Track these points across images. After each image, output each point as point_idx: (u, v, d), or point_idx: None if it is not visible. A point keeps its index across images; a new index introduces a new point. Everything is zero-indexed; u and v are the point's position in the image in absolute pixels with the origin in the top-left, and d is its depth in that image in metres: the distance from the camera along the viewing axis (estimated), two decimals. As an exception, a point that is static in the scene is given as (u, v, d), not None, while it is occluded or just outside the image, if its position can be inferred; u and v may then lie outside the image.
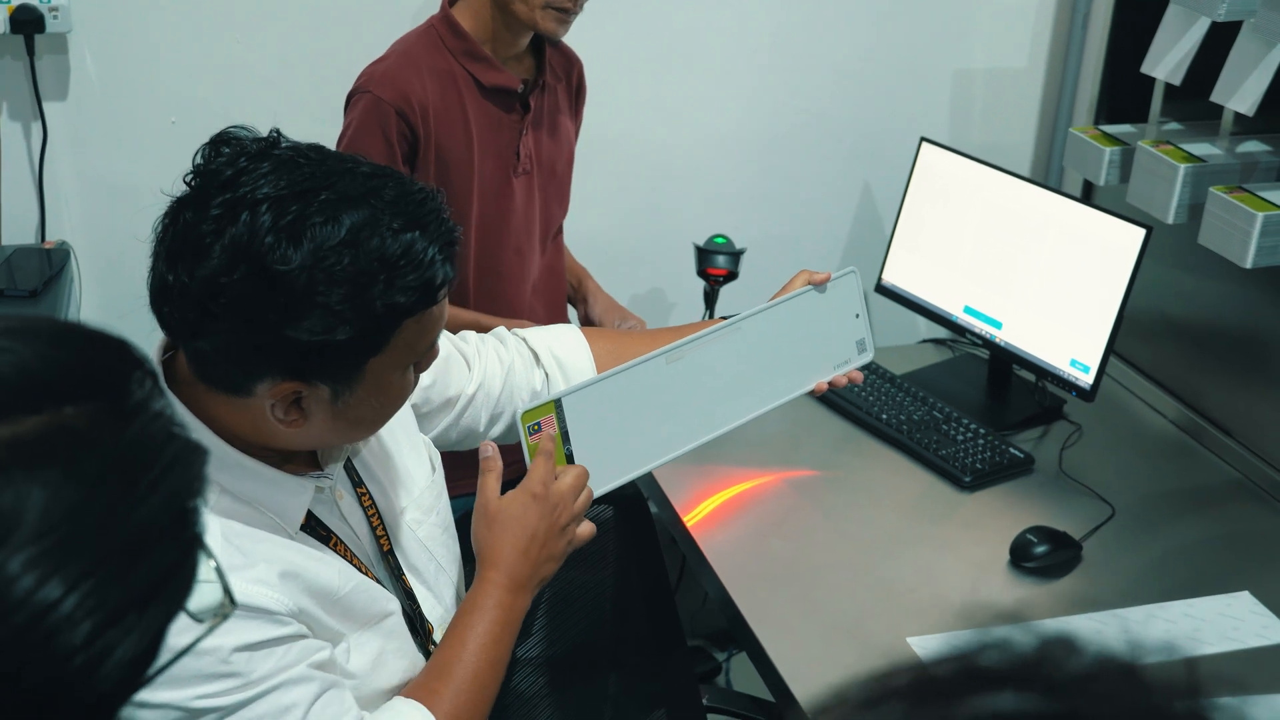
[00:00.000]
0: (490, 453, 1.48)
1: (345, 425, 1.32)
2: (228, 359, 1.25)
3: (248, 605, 1.23)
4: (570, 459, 1.51)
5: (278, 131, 1.29)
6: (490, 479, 1.47)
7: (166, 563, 0.69)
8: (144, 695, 0.70)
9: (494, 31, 2.10)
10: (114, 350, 0.73)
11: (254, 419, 1.28)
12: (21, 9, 2.32)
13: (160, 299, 1.24)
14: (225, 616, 0.74)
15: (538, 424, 1.48)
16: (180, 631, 0.71)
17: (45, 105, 2.42)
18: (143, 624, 0.67)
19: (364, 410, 1.31)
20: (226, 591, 0.74)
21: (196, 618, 0.72)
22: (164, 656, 0.70)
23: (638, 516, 2.13)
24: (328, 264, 1.19)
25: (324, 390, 1.26)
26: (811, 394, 1.79)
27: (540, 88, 2.18)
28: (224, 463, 1.29)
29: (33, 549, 0.63)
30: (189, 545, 0.71)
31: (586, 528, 1.52)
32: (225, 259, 1.19)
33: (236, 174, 1.22)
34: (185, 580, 0.71)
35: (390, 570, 1.45)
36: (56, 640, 0.63)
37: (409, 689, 1.40)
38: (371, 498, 1.46)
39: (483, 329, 1.78)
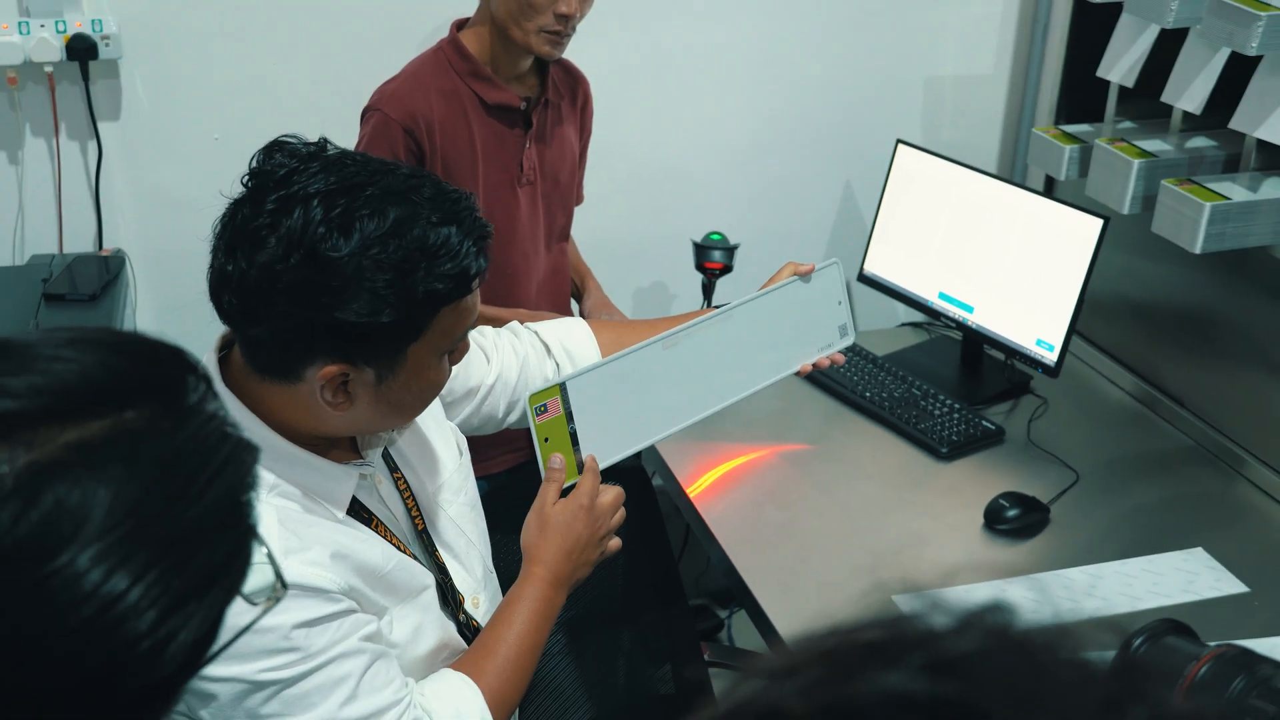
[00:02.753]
0: (558, 465, 1.50)
1: (387, 409, 1.31)
2: (281, 344, 1.24)
3: (304, 585, 1.24)
4: (574, 437, 1.51)
5: (325, 139, 1.29)
6: (552, 487, 1.49)
7: (223, 552, 0.69)
8: (213, 670, 0.70)
9: (496, 54, 2.09)
10: (170, 357, 0.72)
11: (304, 405, 1.27)
12: (77, 38, 2.31)
13: (219, 289, 1.24)
14: (277, 600, 0.74)
15: (544, 405, 1.49)
16: (238, 614, 0.71)
17: (100, 125, 2.42)
18: (203, 610, 0.66)
19: (404, 395, 1.30)
20: (278, 575, 0.73)
21: (251, 600, 0.72)
22: (224, 637, 0.70)
23: (642, 491, 2.13)
24: (374, 252, 1.19)
25: (369, 374, 1.25)
26: (797, 374, 1.79)
27: (543, 104, 2.16)
28: (278, 454, 1.29)
29: (100, 544, 0.62)
30: (244, 535, 0.71)
31: (615, 541, 1.54)
32: (281, 248, 1.19)
33: (289, 173, 1.22)
34: (241, 567, 0.70)
35: (425, 547, 1.45)
36: (124, 627, 0.63)
37: (457, 663, 1.41)
38: (406, 481, 1.46)
39: (495, 322, 1.78)
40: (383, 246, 1.20)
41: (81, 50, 2.32)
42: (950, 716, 0.45)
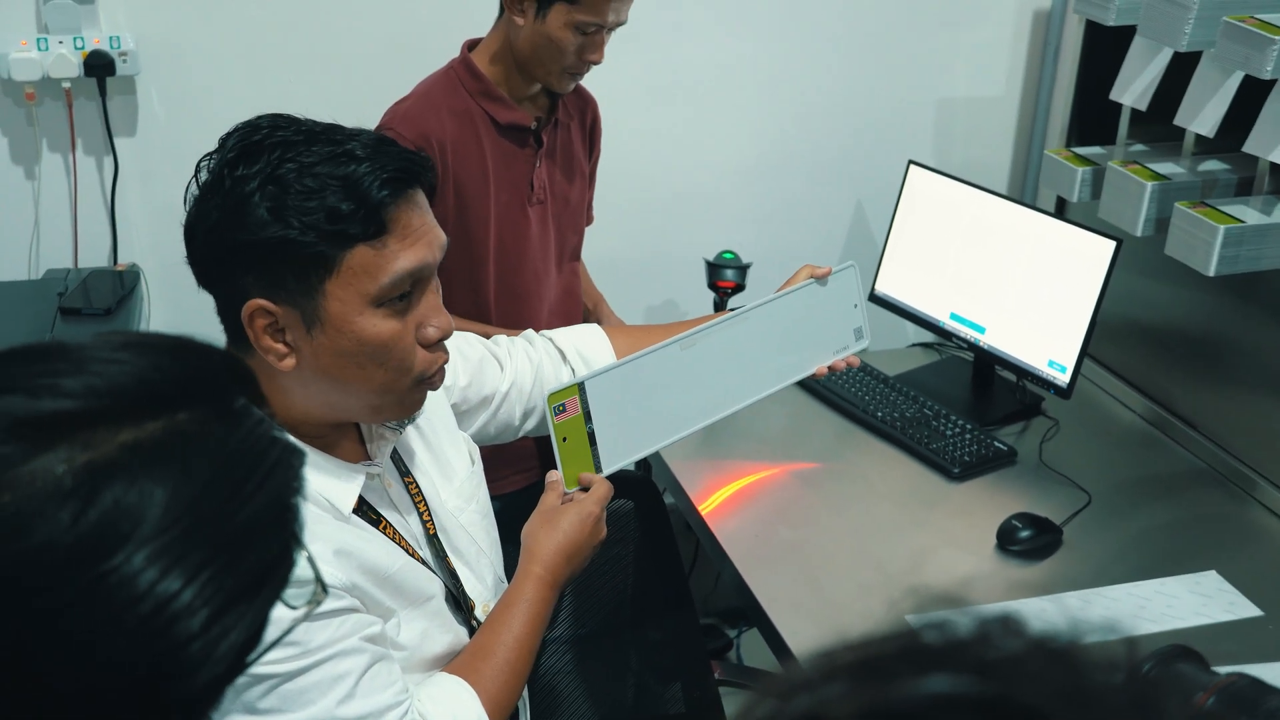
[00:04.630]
0: (555, 479, 1.50)
1: (336, 368, 1.25)
2: (220, 296, 1.25)
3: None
4: (592, 436, 1.50)
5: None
6: (552, 495, 1.50)
7: (273, 554, 0.69)
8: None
9: (508, 75, 2.09)
10: (219, 362, 0.73)
11: (283, 382, 1.27)
12: (94, 54, 2.33)
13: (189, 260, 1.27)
14: (318, 603, 0.73)
15: (563, 405, 1.48)
16: (278, 616, 0.71)
17: (116, 141, 2.43)
18: (253, 611, 0.67)
19: (344, 351, 1.24)
20: (318, 579, 0.73)
21: (291, 605, 0.72)
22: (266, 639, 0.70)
23: (653, 507, 2.13)
24: (278, 173, 1.19)
25: (295, 318, 1.23)
26: (813, 377, 1.77)
27: (553, 124, 2.17)
28: None
29: (155, 544, 0.62)
30: (290, 539, 0.71)
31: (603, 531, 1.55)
32: (202, 189, 1.23)
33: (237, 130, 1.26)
34: (286, 570, 0.70)
35: (436, 552, 1.44)
36: (177, 627, 0.63)
37: (453, 666, 1.39)
38: (418, 486, 1.45)
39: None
40: (288, 170, 1.19)
41: (99, 66, 2.33)
42: (1002, 713, 0.46)
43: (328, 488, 1.31)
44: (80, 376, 0.65)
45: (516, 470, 2.16)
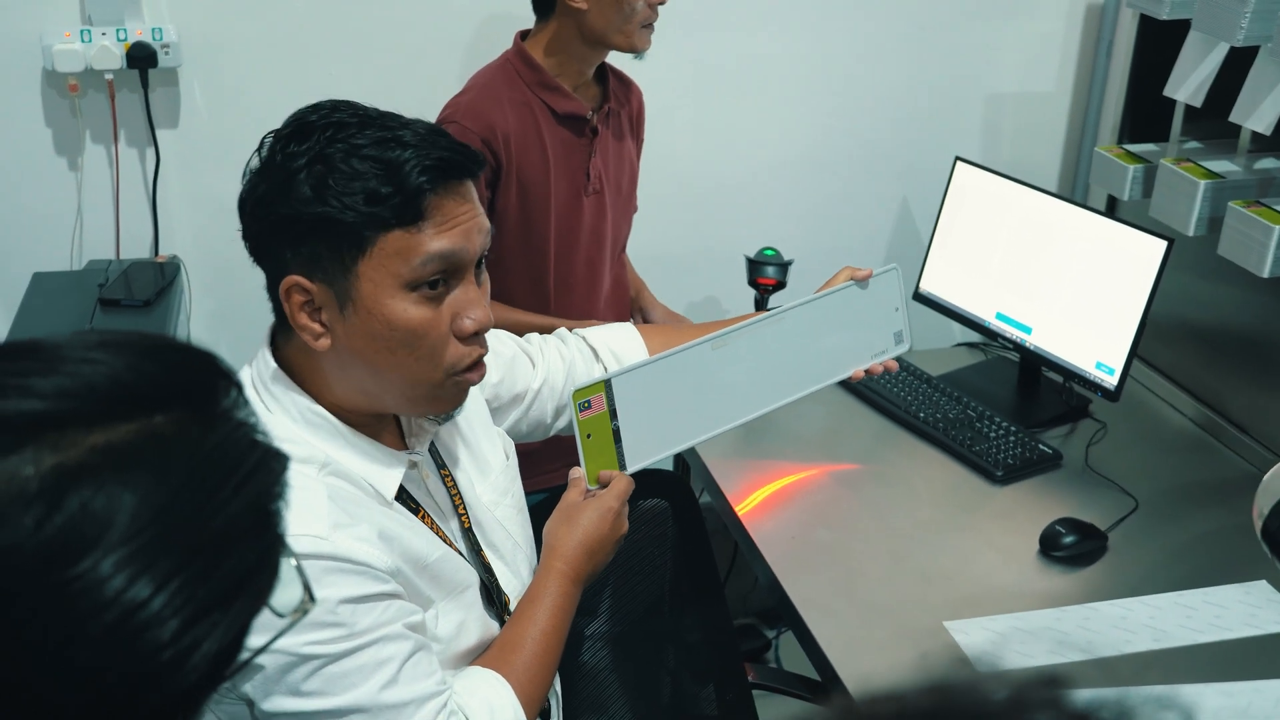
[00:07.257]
0: (577, 475, 1.51)
1: (369, 351, 1.26)
2: (267, 274, 1.27)
3: (354, 560, 1.22)
4: (617, 434, 1.49)
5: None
6: (574, 491, 1.50)
7: (249, 562, 0.67)
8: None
9: (564, 63, 2.10)
10: (201, 363, 0.71)
11: (321, 364, 1.28)
12: (137, 46, 2.34)
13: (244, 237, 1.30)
14: (305, 612, 0.71)
15: (588, 401, 1.47)
16: (261, 628, 0.69)
17: (158, 132, 2.44)
18: (227, 620, 0.65)
19: (374, 334, 1.25)
20: (306, 587, 0.71)
21: (278, 613, 0.70)
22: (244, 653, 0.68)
23: (688, 507, 2.11)
24: (326, 153, 1.21)
25: (329, 296, 1.24)
26: (849, 380, 1.73)
27: (606, 113, 2.17)
28: (331, 433, 1.29)
29: (124, 550, 0.61)
30: (271, 545, 0.69)
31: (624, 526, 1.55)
32: (256, 168, 1.26)
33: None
34: (267, 578, 0.69)
35: (471, 545, 1.45)
36: (145, 636, 0.61)
37: (484, 659, 1.40)
38: (454, 479, 1.46)
39: (542, 330, 1.77)
40: (335, 150, 1.21)
41: (141, 58, 2.35)
42: None
43: (371, 473, 1.32)
44: (52, 377, 0.64)
45: (566, 463, 2.16)
